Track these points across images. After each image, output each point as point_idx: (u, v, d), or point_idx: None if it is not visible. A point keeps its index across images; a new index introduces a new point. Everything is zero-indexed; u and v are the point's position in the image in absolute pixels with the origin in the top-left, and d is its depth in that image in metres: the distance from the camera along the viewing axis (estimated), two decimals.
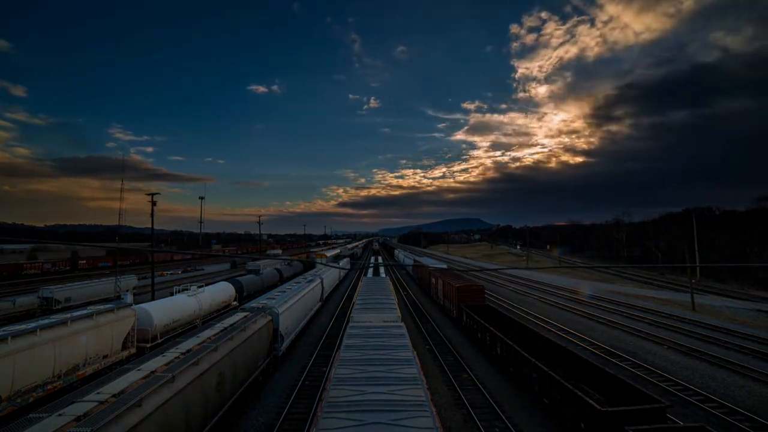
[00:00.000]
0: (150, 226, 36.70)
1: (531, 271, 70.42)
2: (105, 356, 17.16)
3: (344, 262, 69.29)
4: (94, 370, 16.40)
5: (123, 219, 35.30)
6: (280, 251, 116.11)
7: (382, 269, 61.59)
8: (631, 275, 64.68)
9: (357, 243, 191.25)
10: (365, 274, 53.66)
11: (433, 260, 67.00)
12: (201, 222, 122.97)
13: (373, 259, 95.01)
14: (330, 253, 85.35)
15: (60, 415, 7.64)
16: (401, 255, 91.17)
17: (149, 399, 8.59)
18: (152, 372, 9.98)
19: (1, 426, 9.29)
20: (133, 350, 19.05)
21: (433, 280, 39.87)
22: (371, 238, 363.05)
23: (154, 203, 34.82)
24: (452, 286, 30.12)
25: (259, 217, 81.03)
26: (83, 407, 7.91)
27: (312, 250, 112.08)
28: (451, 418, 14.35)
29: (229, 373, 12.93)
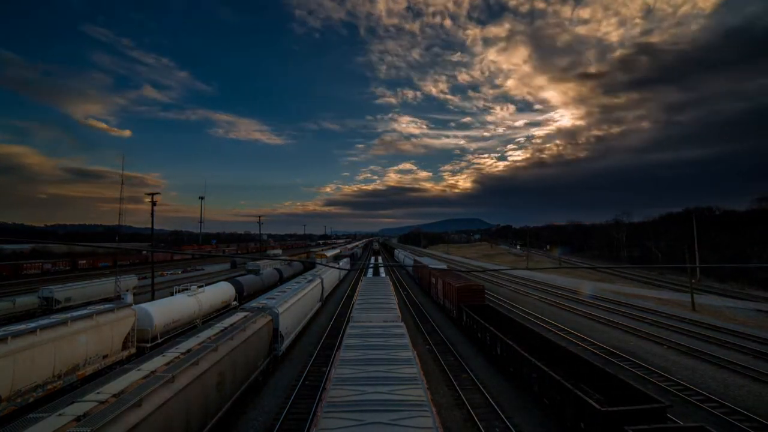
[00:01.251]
0: (150, 226, 36.73)
1: (531, 271, 70.44)
2: (105, 356, 17.17)
3: (344, 262, 69.31)
4: (94, 370, 16.40)
5: (123, 219, 35.31)
6: (280, 251, 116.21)
7: (382, 269, 61.63)
8: (631, 275, 64.68)
9: (357, 243, 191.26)
10: (365, 274, 53.70)
11: (433, 260, 67.02)
12: (201, 222, 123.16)
13: (373, 259, 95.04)
14: (330, 253, 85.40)
15: (60, 415, 7.64)
16: (401, 255, 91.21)
17: (149, 399, 8.60)
18: (152, 372, 9.99)
19: (1, 426, 9.29)
20: (133, 350, 19.05)
21: (433, 280, 39.89)
22: (371, 238, 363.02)
23: (154, 203, 34.84)
24: (452, 286, 30.13)
25: (260, 217, 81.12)
26: (83, 407, 7.92)
27: (312, 250, 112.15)
28: (451, 418, 14.35)
29: (229, 373, 12.94)
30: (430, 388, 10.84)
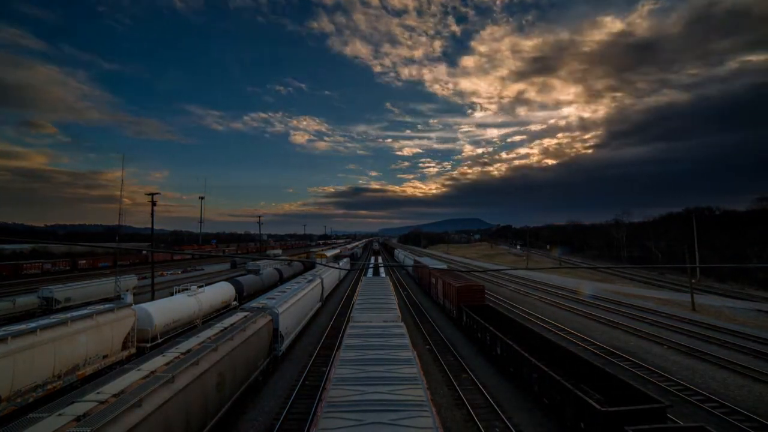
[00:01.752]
0: (150, 226, 36.73)
1: (531, 271, 70.45)
2: (105, 356, 17.16)
3: (344, 263, 69.29)
4: (94, 370, 16.40)
5: (123, 219, 35.31)
6: (280, 251, 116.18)
7: (382, 269, 61.61)
8: (631, 275, 64.68)
9: (357, 243, 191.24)
10: (365, 274, 53.71)
11: (433, 260, 67.02)
12: (201, 222, 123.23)
13: (373, 259, 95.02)
14: (330, 253, 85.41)
15: (60, 415, 7.64)
16: (401, 255, 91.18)
17: (149, 399, 8.59)
18: (152, 372, 9.99)
19: (1, 426, 9.29)
20: (133, 350, 19.05)
21: (433, 280, 39.89)
22: (371, 238, 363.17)
23: (154, 203, 34.83)
24: (452, 286, 30.13)
25: (259, 217, 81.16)
26: (83, 407, 7.91)
27: (312, 250, 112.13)
28: (451, 418, 14.35)
29: (229, 373, 12.93)
30: (430, 388, 10.85)
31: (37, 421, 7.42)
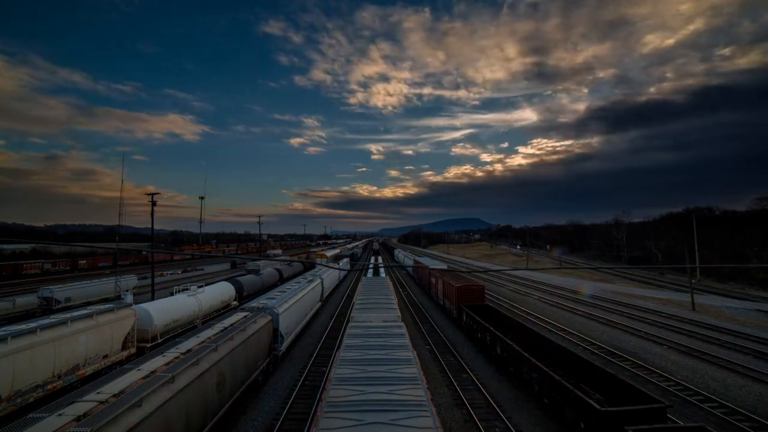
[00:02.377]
0: (150, 226, 36.74)
1: (531, 271, 70.45)
2: (105, 356, 17.17)
3: (344, 263, 69.28)
4: (94, 370, 16.40)
5: (123, 219, 35.32)
6: (280, 251, 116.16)
7: (382, 269, 61.58)
8: (631, 275, 64.69)
9: (357, 243, 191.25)
10: (365, 274, 53.72)
11: (433, 260, 67.01)
12: (201, 222, 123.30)
13: (373, 259, 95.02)
14: (330, 253, 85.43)
15: (60, 415, 7.64)
16: (401, 255, 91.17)
17: (149, 399, 8.59)
18: (152, 372, 9.99)
19: (1, 426, 9.29)
20: (133, 350, 19.05)
21: (433, 280, 39.89)
22: (371, 238, 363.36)
23: (153, 203, 34.83)
24: (452, 286, 30.13)
25: (259, 217, 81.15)
26: (83, 407, 7.92)
27: (312, 250, 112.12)
28: (451, 418, 14.35)
29: (229, 373, 12.93)
30: (430, 388, 10.84)
31: (37, 421, 7.42)
